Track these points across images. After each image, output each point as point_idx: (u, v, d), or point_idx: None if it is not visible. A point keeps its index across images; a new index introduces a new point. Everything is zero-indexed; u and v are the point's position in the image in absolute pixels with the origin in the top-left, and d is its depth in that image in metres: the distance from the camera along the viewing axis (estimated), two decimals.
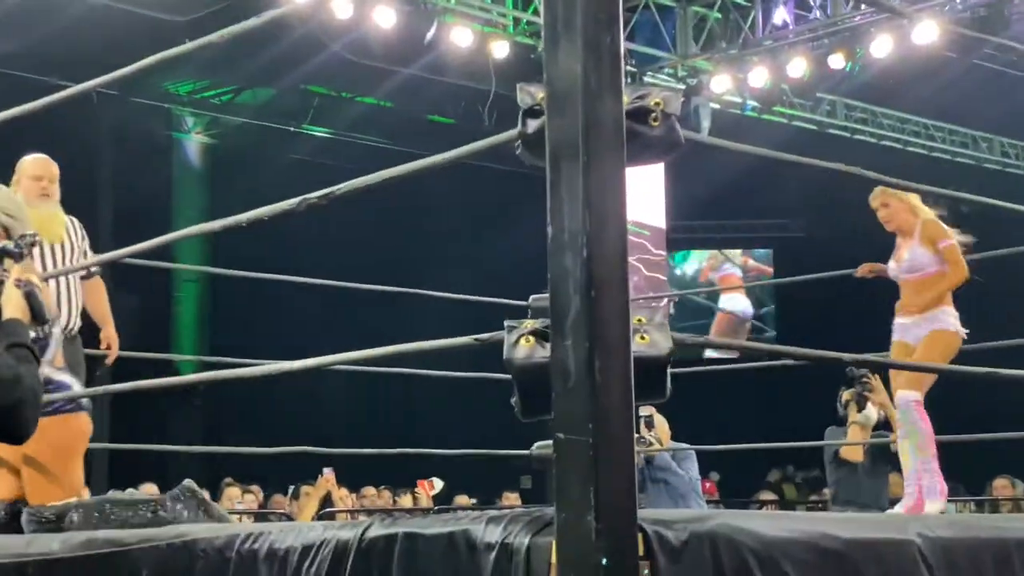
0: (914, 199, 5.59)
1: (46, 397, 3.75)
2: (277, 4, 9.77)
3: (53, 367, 3.90)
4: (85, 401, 3.95)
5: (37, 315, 2.50)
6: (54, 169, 5.18)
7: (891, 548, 2.39)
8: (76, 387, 3.97)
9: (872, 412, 6.79)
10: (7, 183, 5.20)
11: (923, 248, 5.49)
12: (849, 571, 2.29)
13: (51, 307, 2.59)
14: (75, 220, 5.31)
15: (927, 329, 5.40)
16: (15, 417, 2.35)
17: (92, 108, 11.83)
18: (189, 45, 3.19)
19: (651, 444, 6.53)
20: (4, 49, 12.02)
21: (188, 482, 3.98)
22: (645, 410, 6.39)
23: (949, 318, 5.43)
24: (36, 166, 5.13)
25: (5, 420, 2.35)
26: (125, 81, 3.46)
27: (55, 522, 3.55)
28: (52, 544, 2.85)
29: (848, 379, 6.85)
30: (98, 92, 3.49)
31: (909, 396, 5.32)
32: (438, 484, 10.14)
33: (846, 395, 6.82)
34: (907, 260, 5.53)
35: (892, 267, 5.66)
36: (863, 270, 5.87)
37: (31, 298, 2.49)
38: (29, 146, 5.23)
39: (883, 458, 6.74)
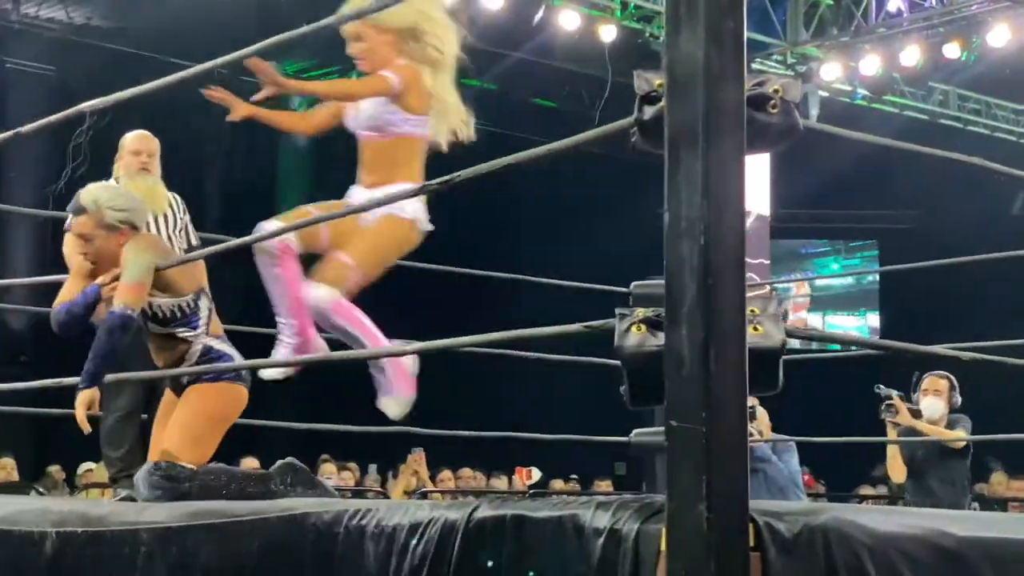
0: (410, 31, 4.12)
1: (206, 367, 3.85)
2: None
3: (211, 336, 3.99)
4: (245, 372, 3.97)
5: None
6: (153, 144, 5.28)
7: (1007, 547, 2.34)
8: (237, 358, 3.99)
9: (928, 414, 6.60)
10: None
11: (394, 102, 4.08)
12: (964, 569, 2.25)
13: None
14: (177, 196, 5.38)
15: (378, 212, 4.07)
16: None
17: (200, 86, 12.00)
18: (307, 28, 3.22)
19: (752, 435, 6.46)
20: (119, 26, 12.25)
21: (291, 459, 4.03)
22: (748, 401, 6.29)
23: (407, 203, 4.00)
24: (135, 141, 5.24)
25: None
26: (234, 61, 3.49)
27: (179, 483, 3.60)
28: (164, 513, 2.91)
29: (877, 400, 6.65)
30: (210, 72, 3.52)
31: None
32: (536, 474, 10.15)
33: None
34: (366, 111, 4.15)
35: (351, 117, 4.25)
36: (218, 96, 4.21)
37: None
38: (138, 124, 5.34)
39: (952, 455, 6.57)
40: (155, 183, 5.20)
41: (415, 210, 4.13)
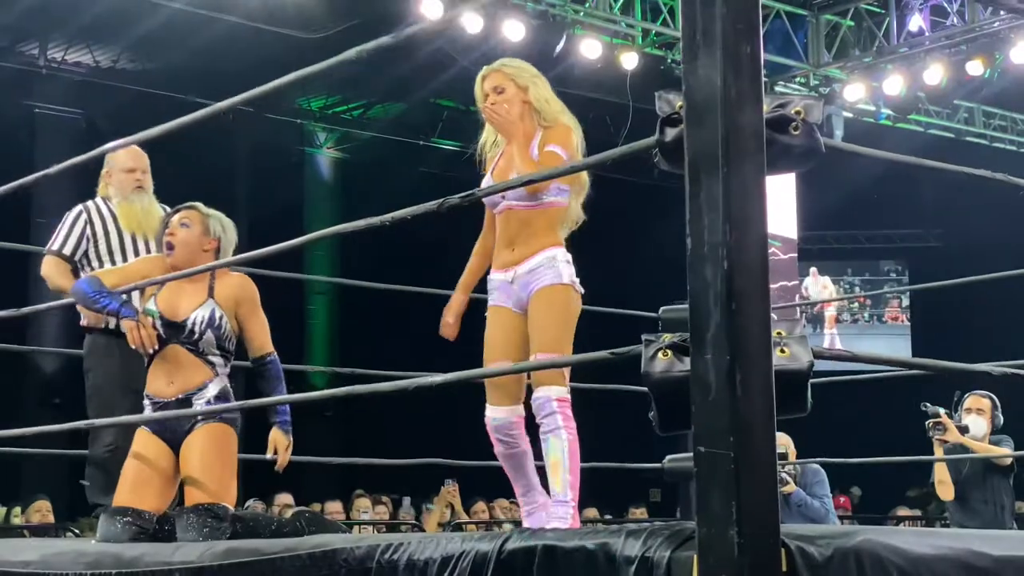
0: (545, 90, 4.06)
1: (222, 406, 3.90)
2: (407, 19, 9.91)
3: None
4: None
5: None
6: (145, 160, 5.00)
7: None
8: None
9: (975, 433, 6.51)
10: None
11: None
12: None
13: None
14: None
15: (536, 286, 3.83)
16: None
17: (227, 124, 12.11)
18: (327, 63, 3.23)
19: (786, 483, 6.39)
20: (145, 67, 12.37)
21: (300, 508, 4.14)
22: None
23: (562, 265, 3.86)
24: (129, 158, 4.89)
25: None
26: (260, 98, 3.52)
27: (227, 523, 3.69)
28: (197, 553, 2.91)
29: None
30: (234, 109, 3.53)
31: (551, 394, 3.73)
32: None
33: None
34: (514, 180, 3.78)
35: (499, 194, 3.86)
36: None
37: None
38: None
39: (996, 473, 6.49)
40: (150, 203, 4.96)
41: (570, 274, 3.88)
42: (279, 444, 4.06)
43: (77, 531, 8.12)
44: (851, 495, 13.10)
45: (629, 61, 11.09)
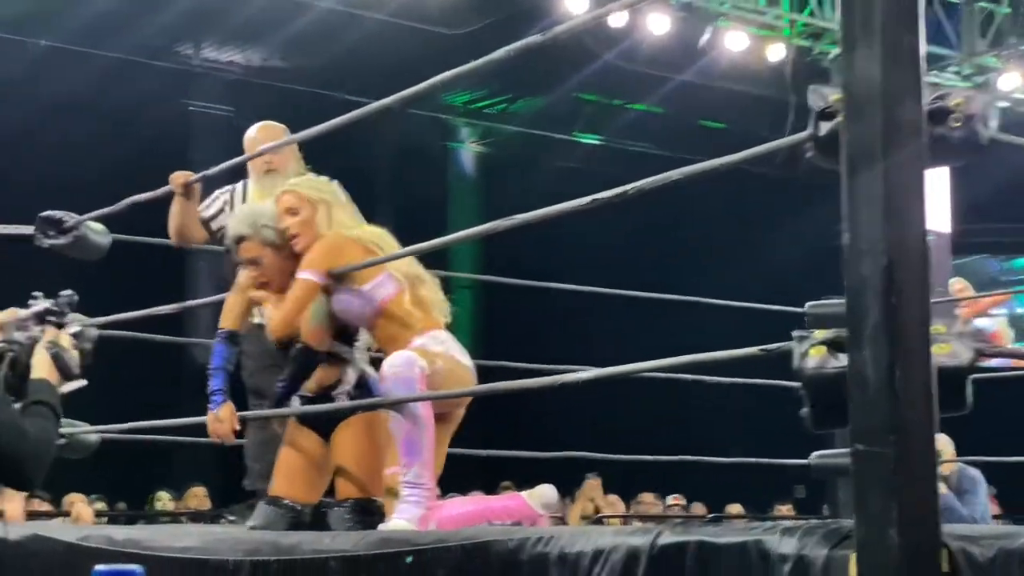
0: (337, 211, 4.05)
1: (365, 402, 3.87)
2: (550, 14, 9.93)
3: (368, 363, 4.04)
4: None
5: (64, 374, 2.68)
6: (277, 136, 4.82)
7: None
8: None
9: None
10: None
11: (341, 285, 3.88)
12: None
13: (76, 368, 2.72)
14: None
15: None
16: (15, 470, 2.48)
17: (371, 120, 12.26)
18: (477, 63, 3.28)
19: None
20: (293, 66, 12.61)
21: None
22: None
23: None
24: (257, 138, 4.83)
25: (7, 470, 2.48)
26: (407, 98, 3.57)
27: (375, 517, 3.71)
28: (352, 541, 2.97)
29: None
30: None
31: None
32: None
33: None
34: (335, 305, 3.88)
35: None
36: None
37: (57, 359, 2.67)
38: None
39: None
40: (281, 185, 4.77)
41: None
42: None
43: (232, 517, 8.32)
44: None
45: (775, 53, 10.95)
